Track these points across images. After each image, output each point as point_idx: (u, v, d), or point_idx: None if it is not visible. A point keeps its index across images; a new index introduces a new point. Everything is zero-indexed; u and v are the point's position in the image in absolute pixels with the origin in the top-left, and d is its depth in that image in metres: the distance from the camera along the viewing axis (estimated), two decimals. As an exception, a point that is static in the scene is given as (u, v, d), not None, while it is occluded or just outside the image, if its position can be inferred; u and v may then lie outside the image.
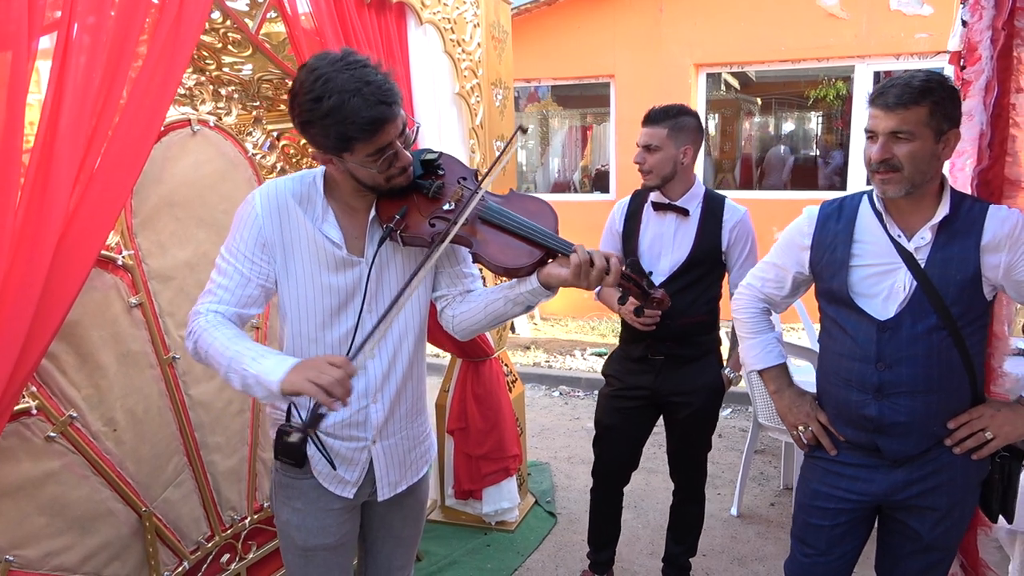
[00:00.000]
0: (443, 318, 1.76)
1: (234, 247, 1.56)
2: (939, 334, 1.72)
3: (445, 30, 2.90)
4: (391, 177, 1.52)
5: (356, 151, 1.45)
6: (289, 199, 1.57)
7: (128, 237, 2.00)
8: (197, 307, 1.55)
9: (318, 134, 1.44)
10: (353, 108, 1.38)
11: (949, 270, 1.71)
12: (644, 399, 2.69)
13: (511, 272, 1.58)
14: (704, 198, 2.62)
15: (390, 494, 1.73)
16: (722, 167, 8.57)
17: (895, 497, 1.86)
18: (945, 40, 5.90)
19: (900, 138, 1.65)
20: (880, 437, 1.82)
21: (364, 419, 1.66)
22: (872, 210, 1.80)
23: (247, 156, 2.35)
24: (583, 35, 7.32)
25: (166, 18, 1.76)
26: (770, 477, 4.10)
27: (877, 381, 1.78)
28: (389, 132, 1.45)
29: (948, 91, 1.66)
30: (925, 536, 1.87)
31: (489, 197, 1.62)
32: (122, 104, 1.67)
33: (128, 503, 2.04)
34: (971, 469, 1.83)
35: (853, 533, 1.96)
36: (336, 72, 1.39)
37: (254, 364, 1.43)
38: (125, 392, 2.01)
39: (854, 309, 1.80)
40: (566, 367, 6.17)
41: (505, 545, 3.39)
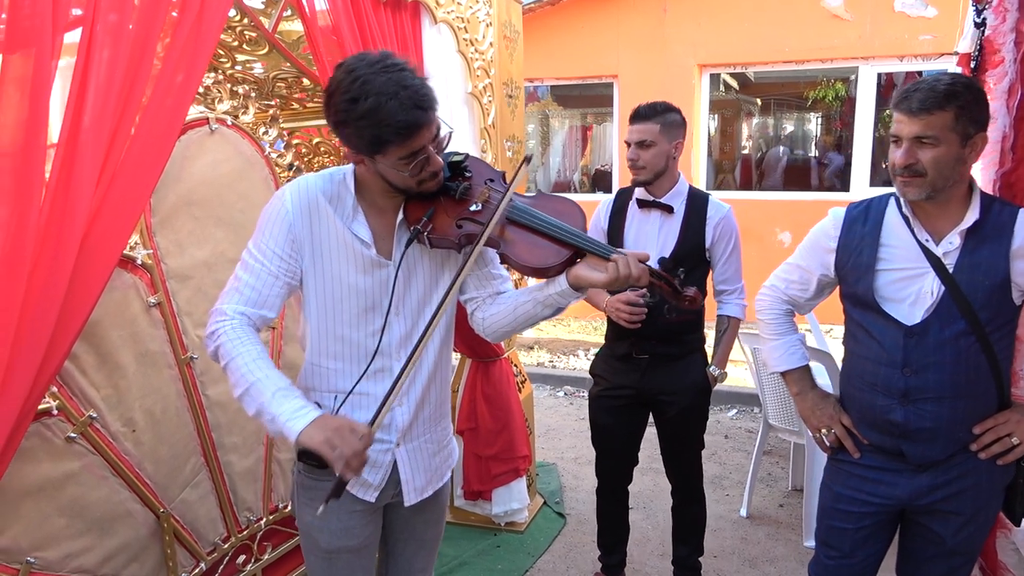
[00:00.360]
0: (474, 320, 1.75)
1: (263, 244, 1.54)
2: (967, 340, 1.72)
3: (459, 29, 2.89)
4: (422, 181, 1.51)
5: (389, 154, 1.44)
6: (320, 197, 1.55)
7: (147, 236, 1.98)
8: (221, 306, 1.53)
9: (352, 135, 1.43)
10: (389, 111, 1.37)
11: (978, 275, 1.69)
12: (631, 398, 2.69)
13: (539, 272, 1.56)
14: (688, 195, 2.62)
15: (417, 499, 1.72)
16: (722, 168, 8.58)
17: (919, 501, 1.85)
18: (949, 42, 5.92)
19: (925, 143, 1.64)
20: (905, 442, 1.82)
21: (389, 422, 1.64)
22: (899, 213, 1.79)
23: (264, 155, 2.34)
24: (587, 35, 7.31)
25: (187, 16, 1.75)
26: (778, 478, 4.10)
27: (903, 386, 1.78)
28: (423, 137, 1.44)
29: (975, 94, 1.64)
30: (948, 540, 1.86)
31: (516, 198, 1.61)
32: (144, 102, 1.66)
33: (146, 504, 2.02)
34: (996, 474, 1.82)
35: (876, 536, 1.95)
36: (374, 74, 1.38)
37: (275, 403, 1.43)
38: (144, 392, 2.00)
39: (880, 314, 1.79)
40: (570, 367, 6.17)
41: (515, 546, 3.38)
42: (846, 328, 1.93)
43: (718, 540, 3.40)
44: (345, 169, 1.61)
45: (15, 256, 1.39)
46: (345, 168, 1.61)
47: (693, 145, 7.11)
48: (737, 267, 2.66)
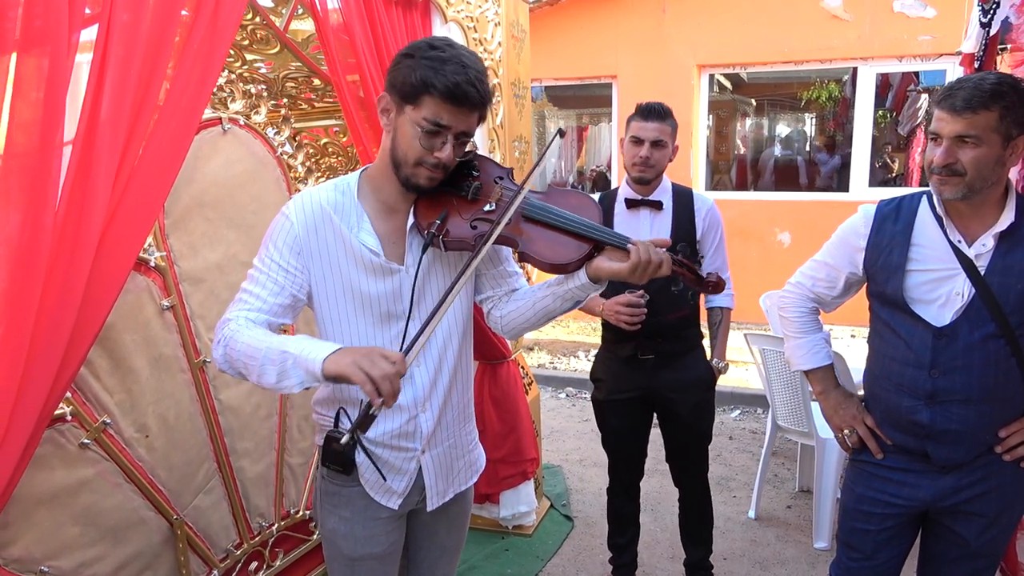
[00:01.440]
0: (491, 320, 1.73)
1: (267, 257, 1.51)
2: (996, 343, 1.70)
3: (468, 28, 2.87)
4: (421, 161, 1.46)
5: (423, 106, 1.42)
6: (325, 207, 1.52)
7: (160, 238, 1.95)
8: (227, 315, 1.49)
9: (409, 66, 1.42)
10: (453, 68, 1.39)
11: (1010, 278, 1.67)
12: (638, 399, 2.69)
13: (560, 268, 1.54)
14: (673, 191, 2.64)
15: (438, 503, 1.69)
16: (719, 168, 8.58)
17: (943, 503, 1.84)
18: (948, 42, 5.95)
19: (966, 142, 1.61)
20: (930, 443, 1.80)
21: (414, 429, 1.62)
22: (932, 213, 1.77)
23: (276, 155, 2.31)
24: (586, 36, 7.30)
25: (202, 16, 1.72)
26: (784, 479, 4.09)
27: (930, 388, 1.76)
28: (461, 115, 1.43)
29: (1020, 95, 1.61)
30: (972, 542, 1.85)
31: (530, 195, 1.58)
32: (160, 102, 1.63)
33: (160, 511, 1.99)
34: (1020, 476, 1.80)
35: (899, 538, 1.94)
36: (463, 49, 1.46)
37: (295, 345, 1.36)
38: (157, 397, 1.97)
39: (909, 314, 1.77)
40: (571, 368, 6.14)
41: (524, 550, 3.36)
42: (872, 327, 1.91)
43: (727, 542, 3.38)
44: (349, 179, 1.58)
45: (31, 258, 1.35)
46: (349, 177, 1.59)
47: (692, 146, 7.11)
48: (724, 258, 2.68)
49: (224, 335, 1.44)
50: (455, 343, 1.65)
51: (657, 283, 2.45)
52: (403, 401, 1.58)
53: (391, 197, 1.56)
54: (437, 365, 1.62)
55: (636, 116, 2.56)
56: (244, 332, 1.42)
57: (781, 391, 3.48)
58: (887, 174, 7.66)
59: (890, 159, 7.77)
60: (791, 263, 2.08)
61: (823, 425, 3.18)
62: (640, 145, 2.53)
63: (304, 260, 1.51)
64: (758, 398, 4.93)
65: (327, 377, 1.33)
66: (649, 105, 2.55)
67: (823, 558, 3.22)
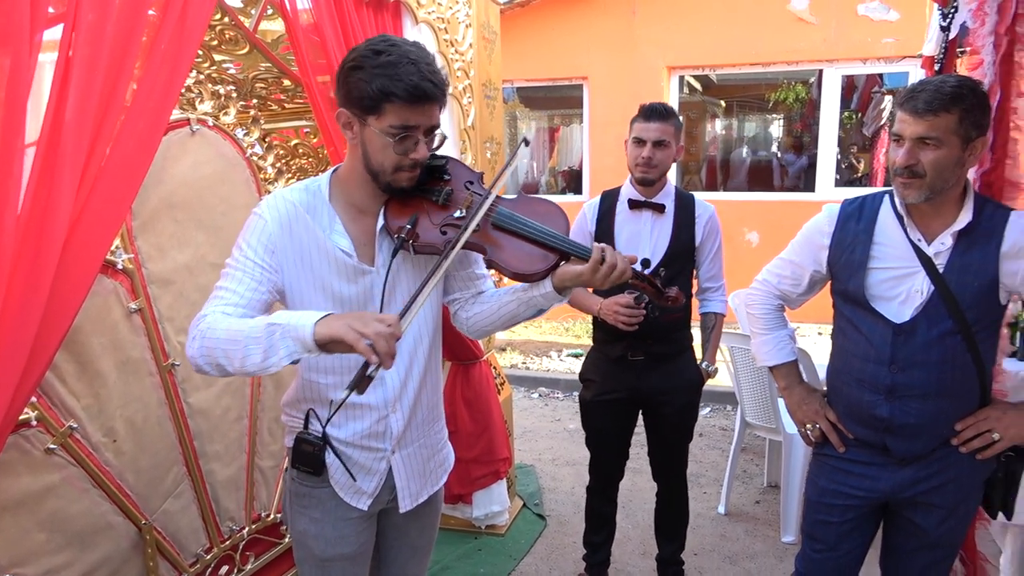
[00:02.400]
0: (456, 320, 1.74)
1: (241, 255, 1.50)
2: (954, 339, 1.75)
3: (439, 30, 2.87)
4: (399, 167, 1.47)
5: (386, 114, 1.42)
6: (297, 208, 1.52)
7: (128, 240, 1.93)
8: (202, 311, 1.46)
9: (362, 79, 1.40)
10: (406, 71, 1.39)
11: (967, 276, 1.72)
12: (626, 399, 2.71)
13: (526, 277, 1.56)
14: (676, 195, 2.66)
15: (412, 505, 1.70)
16: (689, 168, 8.67)
17: (902, 494, 1.88)
18: (911, 45, 6.08)
19: (927, 144, 1.65)
20: (889, 437, 1.85)
21: (384, 429, 1.62)
22: (893, 213, 1.81)
23: (245, 156, 2.29)
24: (557, 37, 7.33)
25: (171, 15, 1.71)
26: (753, 475, 4.15)
27: (890, 383, 1.81)
28: (425, 112, 1.43)
29: (979, 98, 1.66)
30: (931, 533, 1.90)
31: (499, 202, 1.59)
32: (127, 103, 1.62)
33: (128, 516, 1.97)
34: (976, 468, 1.86)
35: (861, 529, 1.98)
36: (404, 44, 1.44)
37: (280, 317, 1.33)
38: (125, 401, 1.95)
39: (870, 311, 1.81)
40: (543, 368, 6.17)
41: (496, 549, 3.37)
42: (835, 324, 1.96)
43: (698, 538, 3.43)
44: (319, 180, 1.58)
45: (-7, 261, 1.34)
46: (319, 179, 1.59)
47: (662, 146, 7.16)
48: (720, 265, 2.72)
49: (200, 329, 1.40)
50: (425, 344, 1.66)
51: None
52: (373, 401, 1.59)
53: (361, 200, 1.56)
54: (407, 366, 1.63)
55: (639, 117, 2.57)
56: (223, 321, 1.39)
57: (749, 388, 3.54)
58: (853, 174, 7.80)
59: (855, 159, 7.91)
60: (759, 262, 2.12)
61: (789, 421, 3.24)
62: (642, 146, 2.55)
63: (278, 259, 1.51)
64: (727, 395, 5.00)
65: (319, 343, 1.29)
66: (652, 106, 2.57)
67: (791, 551, 3.28)
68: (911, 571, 1.98)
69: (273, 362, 1.32)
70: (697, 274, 2.73)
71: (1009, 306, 1.92)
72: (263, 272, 1.49)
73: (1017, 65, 1.94)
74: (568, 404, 5.43)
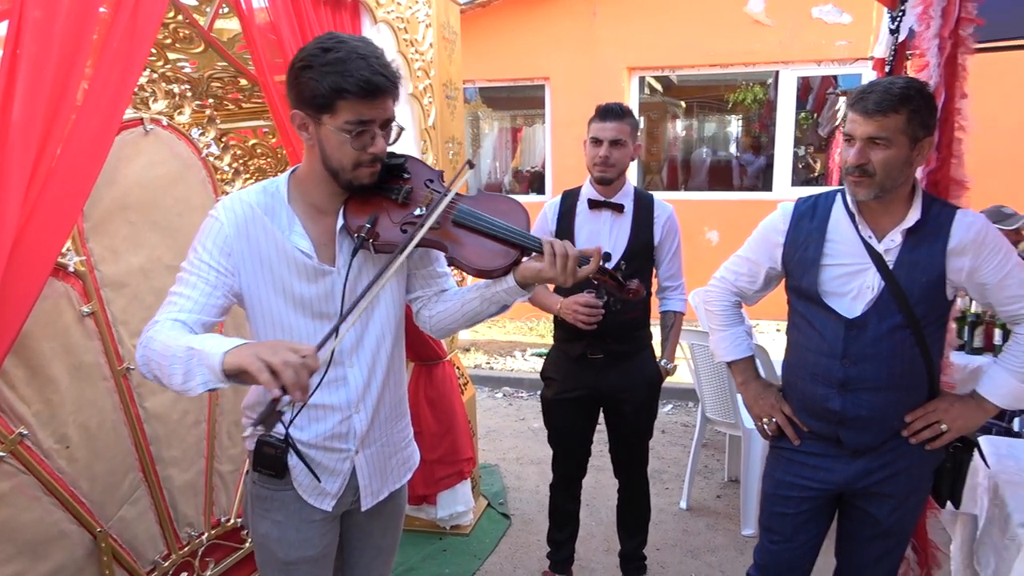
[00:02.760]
0: (419, 319, 1.74)
1: (196, 258, 1.48)
2: (903, 333, 1.80)
3: (399, 29, 2.86)
4: (360, 163, 1.47)
5: (340, 111, 1.41)
6: (255, 209, 1.50)
7: (79, 242, 1.89)
8: (155, 317, 1.43)
9: (312, 78, 1.40)
10: (356, 66, 1.38)
11: (916, 272, 1.78)
12: (587, 397, 2.74)
13: (487, 274, 1.57)
14: (635, 195, 2.69)
15: (372, 503, 1.70)
16: (650, 168, 8.76)
17: (855, 485, 1.93)
18: (864, 47, 6.22)
19: (877, 144, 1.71)
20: (842, 429, 1.90)
21: (347, 430, 1.62)
22: (845, 211, 1.86)
23: (201, 157, 2.26)
24: (518, 37, 7.36)
25: (122, 13, 1.68)
26: (714, 470, 4.22)
27: (842, 376, 1.85)
28: (379, 106, 1.43)
29: (926, 99, 1.71)
30: (884, 522, 1.95)
31: (459, 200, 1.59)
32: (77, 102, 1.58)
33: (82, 524, 1.93)
34: (926, 458, 1.92)
35: (816, 520, 2.03)
36: (352, 40, 1.43)
37: (200, 342, 1.28)
38: (78, 406, 1.91)
39: (823, 306, 1.86)
40: (507, 368, 6.18)
41: (461, 549, 3.37)
42: (790, 319, 2.00)
43: (660, 533, 3.47)
44: (277, 181, 1.57)
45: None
46: (277, 180, 1.57)
47: (623, 146, 7.22)
48: (680, 264, 2.76)
49: (146, 337, 1.38)
50: (388, 343, 1.66)
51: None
52: (336, 402, 1.59)
53: (321, 200, 1.55)
54: (370, 366, 1.62)
55: (595, 117, 2.60)
56: (163, 332, 1.36)
57: (709, 384, 3.60)
58: (809, 174, 7.95)
59: (812, 159, 8.07)
60: (720, 260, 2.16)
61: (748, 416, 3.29)
62: (599, 145, 2.57)
63: (235, 261, 1.49)
64: (689, 392, 5.06)
65: (227, 373, 1.24)
66: (607, 106, 2.59)
67: (751, 544, 3.33)
68: (865, 559, 2.03)
69: (192, 387, 1.28)
70: (656, 273, 2.76)
71: (957, 301, 1.98)
72: (218, 276, 1.48)
73: (960, 67, 2.01)
74: (532, 403, 5.45)
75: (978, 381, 1.88)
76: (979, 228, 1.76)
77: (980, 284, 1.79)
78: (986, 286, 1.78)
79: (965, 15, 1.96)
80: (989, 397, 1.85)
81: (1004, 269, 1.76)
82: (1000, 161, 6.02)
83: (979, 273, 1.77)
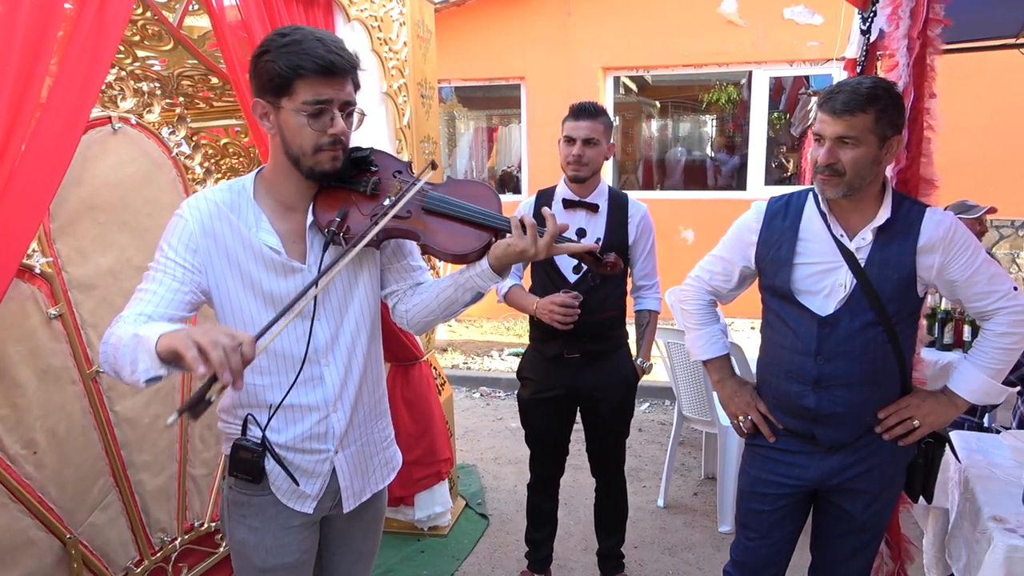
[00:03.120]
0: (395, 314, 1.72)
1: (162, 256, 1.46)
2: (875, 330, 1.82)
3: (372, 28, 2.84)
4: (319, 146, 1.44)
5: (298, 91, 1.40)
6: (220, 207, 1.49)
7: (46, 243, 1.85)
8: (120, 314, 1.40)
9: (269, 60, 1.40)
10: (312, 46, 1.40)
11: (887, 270, 1.80)
12: (563, 397, 2.74)
13: (462, 258, 1.56)
14: (609, 195, 2.70)
15: (355, 504, 1.68)
16: (625, 168, 8.80)
17: (830, 482, 1.95)
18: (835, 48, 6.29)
19: (846, 143, 1.73)
20: (817, 426, 1.91)
21: (325, 430, 1.60)
22: (817, 209, 1.88)
23: (171, 156, 2.22)
24: (493, 37, 7.35)
25: (88, 9, 1.65)
26: (691, 468, 4.24)
27: (816, 374, 1.87)
28: (337, 85, 1.42)
29: (893, 98, 1.73)
30: (858, 518, 1.97)
31: (428, 187, 1.58)
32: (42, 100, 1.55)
33: (51, 530, 1.89)
34: (899, 454, 1.94)
35: (792, 516, 2.05)
36: (310, 28, 1.45)
37: (144, 329, 1.26)
38: (46, 411, 1.87)
39: (796, 304, 1.87)
40: (485, 368, 6.17)
41: (439, 550, 3.36)
42: (764, 318, 2.02)
43: (638, 531, 3.48)
44: (244, 180, 1.55)
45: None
46: (243, 179, 1.56)
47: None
48: (654, 263, 2.77)
49: (108, 332, 1.35)
50: (363, 340, 1.64)
51: (585, 284, 2.54)
52: (313, 401, 1.57)
53: (289, 196, 1.54)
54: (347, 363, 1.60)
55: (569, 116, 2.60)
56: (122, 327, 1.33)
57: (686, 382, 3.61)
58: (782, 173, 8.04)
59: (784, 159, 8.15)
60: (695, 259, 2.17)
61: (724, 413, 3.31)
62: (573, 144, 2.57)
63: (201, 259, 1.47)
64: (665, 391, 5.09)
65: (161, 356, 1.21)
66: (581, 104, 2.59)
67: (727, 540, 3.36)
68: (840, 555, 2.05)
69: (138, 377, 1.24)
70: (631, 272, 2.77)
71: (928, 298, 2.01)
72: (185, 272, 1.45)
73: (929, 67, 2.03)
74: (510, 403, 5.44)
75: (949, 377, 1.91)
76: (948, 226, 1.79)
77: (949, 281, 1.81)
78: (955, 283, 1.81)
79: (933, 16, 1.99)
80: (960, 393, 1.87)
81: (972, 266, 1.78)
82: (968, 160, 6.14)
83: (948, 270, 1.79)
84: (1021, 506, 1.89)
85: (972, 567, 1.87)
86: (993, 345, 1.83)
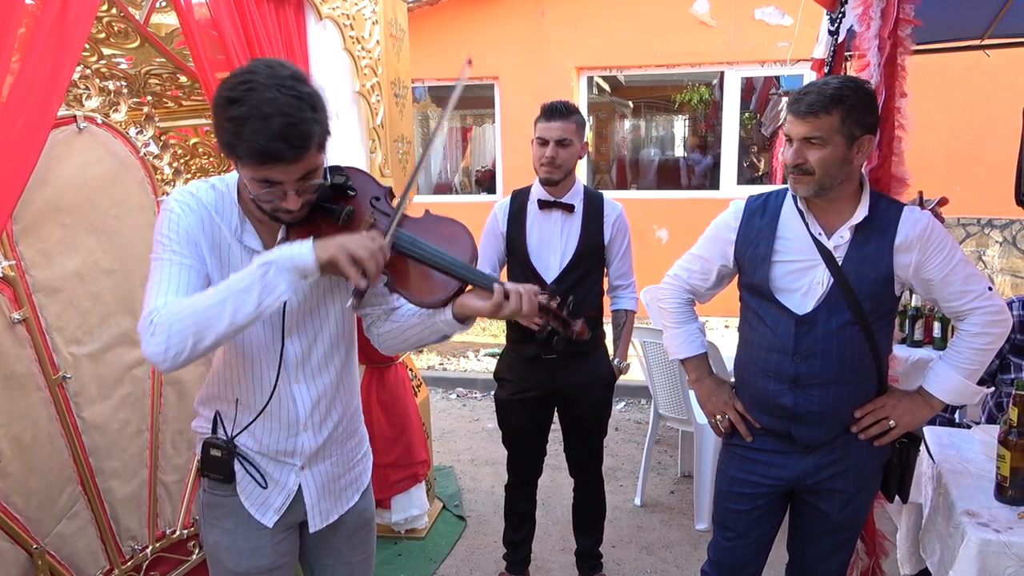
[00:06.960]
0: (369, 334, 1.68)
1: (164, 249, 1.40)
2: (852, 329, 1.83)
3: (344, 26, 2.81)
4: (275, 211, 1.40)
5: (244, 166, 1.33)
6: (206, 205, 1.45)
7: (8, 246, 1.80)
8: (147, 310, 1.34)
9: (218, 126, 1.31)
10: (253, 130, 1.24)
11: (864, 268, 1.81)
12: (541, 397, 2.73)
13: (426, 305, 1.52)
14: (584, 194, 2.69)
15: (322, 525, 1.64)
16: (599, 168, 8.83)
17: (807, 481, 1.96)
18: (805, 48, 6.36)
19: (813, 144, 1.74)
20: (794, 425, 1.92)
21: (294, 448, 1.57)
22: (795, 208, 1.88)
23: (139, 156, 2.17)
24: (467, 36, 7.32)
25: (51, 5, 1.61)
26: (667, 466, 4.26)
27: (793, 372, 1.88)
28: (280, 171, 1.31)
29: (862, 97, 1.74)
30: (835, 517, 1.98)
31: (404, 222, 1.52)
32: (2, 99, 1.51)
33: (17, 541, 1.83)
34: (874, 454, 1.95)
35: (769, 516, 2.06)
36: (265, 86, 1.26)
37: (266, 257, 1.32)
38: (10, 419, 1.81)
39: (774, 303, 1.88)
40: (461, 369, 6.15)
41: (417, 553, 3.33)
42: (742, 316, 2.02)
43: (615, 530, 3.49)
44: (227, 179, 1.50)
45: None
46: (227, 178, 1.51)
47: (573, 146, 7.27)
48: (630, 263, 2.77)
49: (161, 319, 1.29)
50: (337, 360, 1.61)
51: (564, 285, 2.52)
52: (283, 419, 1.54)
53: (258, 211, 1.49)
54: (318, 383, 1.57)
55: (540, 117, 2.57)
56: (183, 301, 1.32)
57: (662, 381, 3.63)
58: (754, 173, 8.11)
59: (756, 158, 8.23)
60: (670, 258, 2.17)
61: (700, 412, 3.32)
62: (546, 146, 2.55)
63: (199, 253, 1.43)
64: (642, 389, 5.11)
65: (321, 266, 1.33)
66: (552, 105, 2.57)
67: (704, 538, 3.38)
68: (817, 553, 2.06)
69: (269, 302, 1.32)
70: (608, 272, 2.77)
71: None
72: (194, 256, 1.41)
73: (900, 67, 2.06)
74: (486, 404, 5.43)
75: (924, 377, 1.92)
76: (925, 225, 1.80)
77: (925, 280, 1.82)
78: (931, 282, 1.82)
79: (903, 16, 2.01)
80: (935, 393, 1.89)
81: (948, 266, 1.80)
82: (934, 158, 6.24)
83: (924, 269, 1.81)
84: (993, 500, 1.91)
85: (946, 561, 1.89)
86: (968, 346, 1.84)
